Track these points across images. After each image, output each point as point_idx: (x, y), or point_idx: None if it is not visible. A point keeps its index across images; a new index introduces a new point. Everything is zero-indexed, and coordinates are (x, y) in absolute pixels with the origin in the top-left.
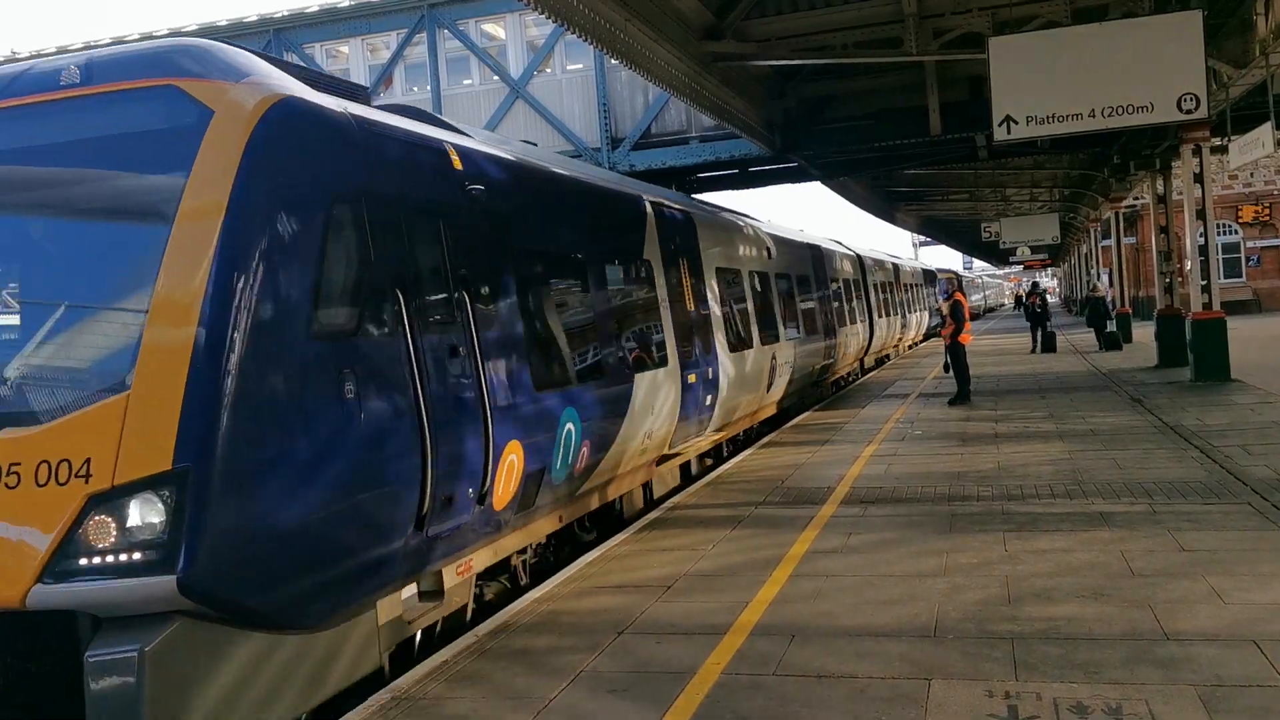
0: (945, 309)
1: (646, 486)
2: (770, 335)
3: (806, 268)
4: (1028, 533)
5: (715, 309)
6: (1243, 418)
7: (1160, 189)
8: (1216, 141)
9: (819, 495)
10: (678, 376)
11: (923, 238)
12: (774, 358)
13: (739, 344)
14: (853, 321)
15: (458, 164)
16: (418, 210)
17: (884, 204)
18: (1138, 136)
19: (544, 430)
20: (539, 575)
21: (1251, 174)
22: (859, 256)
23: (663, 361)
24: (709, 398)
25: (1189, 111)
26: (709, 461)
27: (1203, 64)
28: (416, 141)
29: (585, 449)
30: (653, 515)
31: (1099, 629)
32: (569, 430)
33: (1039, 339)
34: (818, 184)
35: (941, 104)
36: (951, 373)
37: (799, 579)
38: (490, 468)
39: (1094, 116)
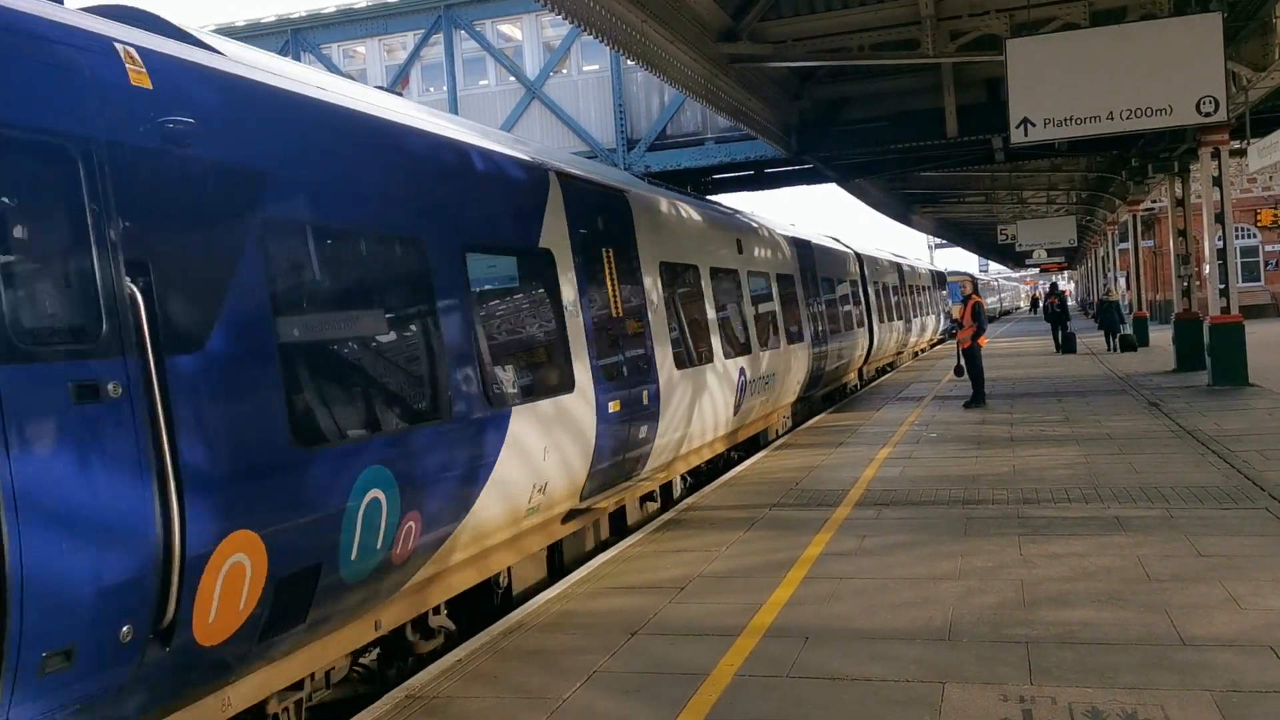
0: (960, 312)
1: (556, 548)
2: (738, 346)
3: (790, 266)
4: (1043, 537)
5: (658, 316)
6: (1260, 422)
7: (1178, 192)
8: (1235, 145)
9: (833, 497)
10: (591, 404)
11: (938, 240)
12: (743, 373)
13: (693, 359)
14: (849, 328)
15: (140, 78)
16: (31, 148)
17: (900, 206)
18: (1156, 139)
19: (313, 505)
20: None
21: (1270, 177)
22: (857, 255)
23: (565, 386)
24: (643, 429)
25: (1208, 114)
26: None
27: (1222, 67)
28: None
29: (413, 525)
30: (667, 516)
31: (1115, 634)
32: (374, 500)
33: (1059, 339)
34: (834, 186)
35: (958, 106)
36: (966, 376)
37: (813, 581)
38: (178, 580)
39: (1112, 119)
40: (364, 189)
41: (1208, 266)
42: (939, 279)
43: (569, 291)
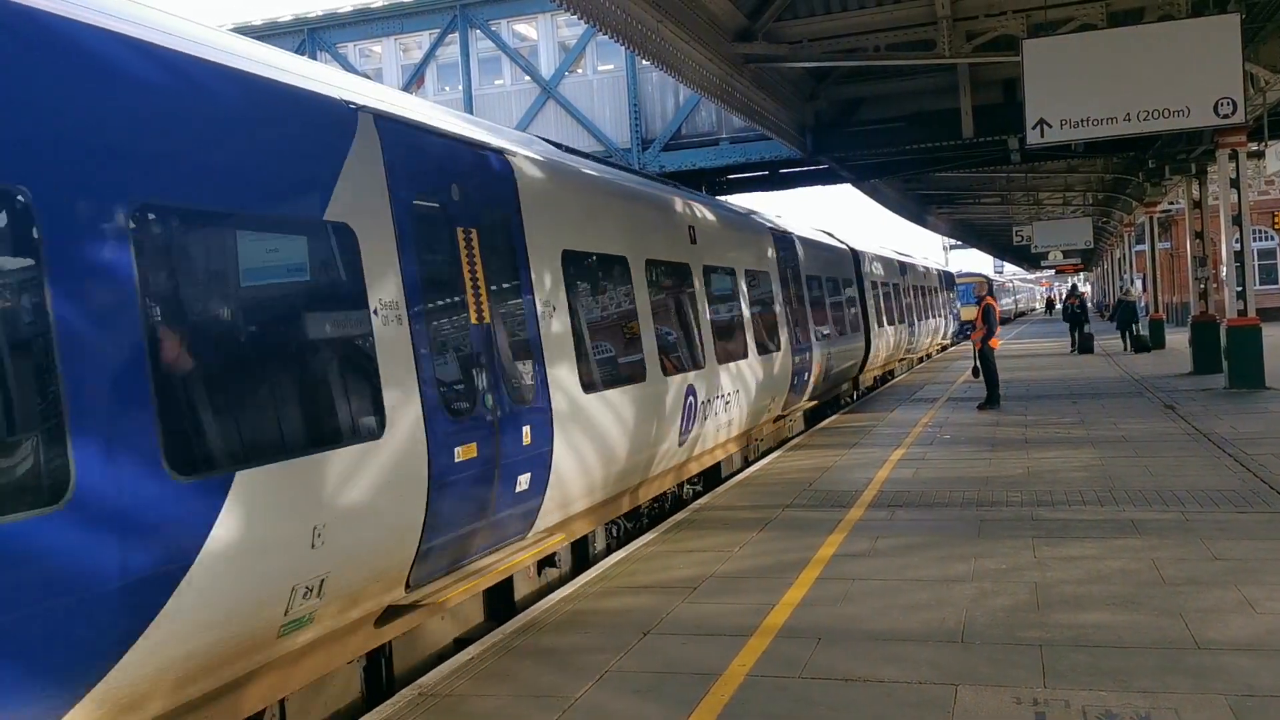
0: (975, 313)
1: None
2: (687, 360)
3: (767, 262)
4: (1057, 539)
5: (554, 322)
6: (1277, 426)
7: (1196, 194)
8: (1253, 146)
9: (847, 498)
10: (421, 452)
11: (953, 241)
12: (693, 393)
13: (612, 378)
14: (841, 333)
15: None
16: None
17: (915, 207)
18: (1173, 141)
19: None
20: None
21: None
22: (852, 251)
23: (365, 428)
24: (525, 478)
25: (1225, 116)
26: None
27: (1240, 68)
28: None
29: None
30: (680, 516)
31: (1129, 637)
32: None
33: (1077, 340)
34: (849, 187)
35: (974, 107)
36: (981, 377)
37: (826, 582)
38: None
39: (1129, 120)
40: None
41: (1225, 269)
42: (948, 280)
43: (384, 287)
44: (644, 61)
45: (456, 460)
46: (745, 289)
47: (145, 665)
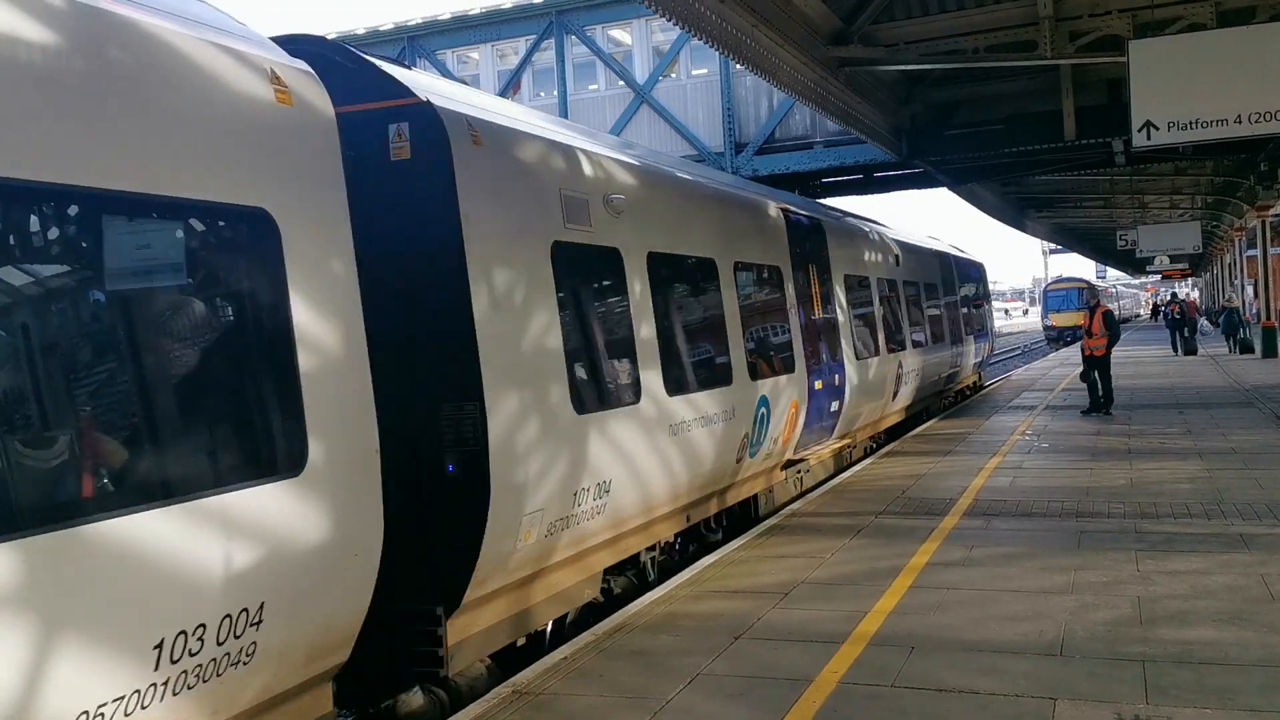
0: (1085, 319)
1: None
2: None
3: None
4: (1161, 552)
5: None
6: None
7: None
8: None
9: (941, 506)
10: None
11: (1053, 246)
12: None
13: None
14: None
15: None
16: None
17: (1013, 211)
18: None
19: None
20: None
21: None
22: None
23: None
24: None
25: None
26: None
27: None
28: None
29: None
30: (771, 522)
31: (1235, 654)
32: None
33: (1178, 344)
34: (942, 190)
35: (1077, 108)
36: (1087, 383)
37: (919, 590)
38: None
39: (1240, 122)
40: None
41: None
42: (976, 276)
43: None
44: (738, 66)
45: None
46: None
47: None
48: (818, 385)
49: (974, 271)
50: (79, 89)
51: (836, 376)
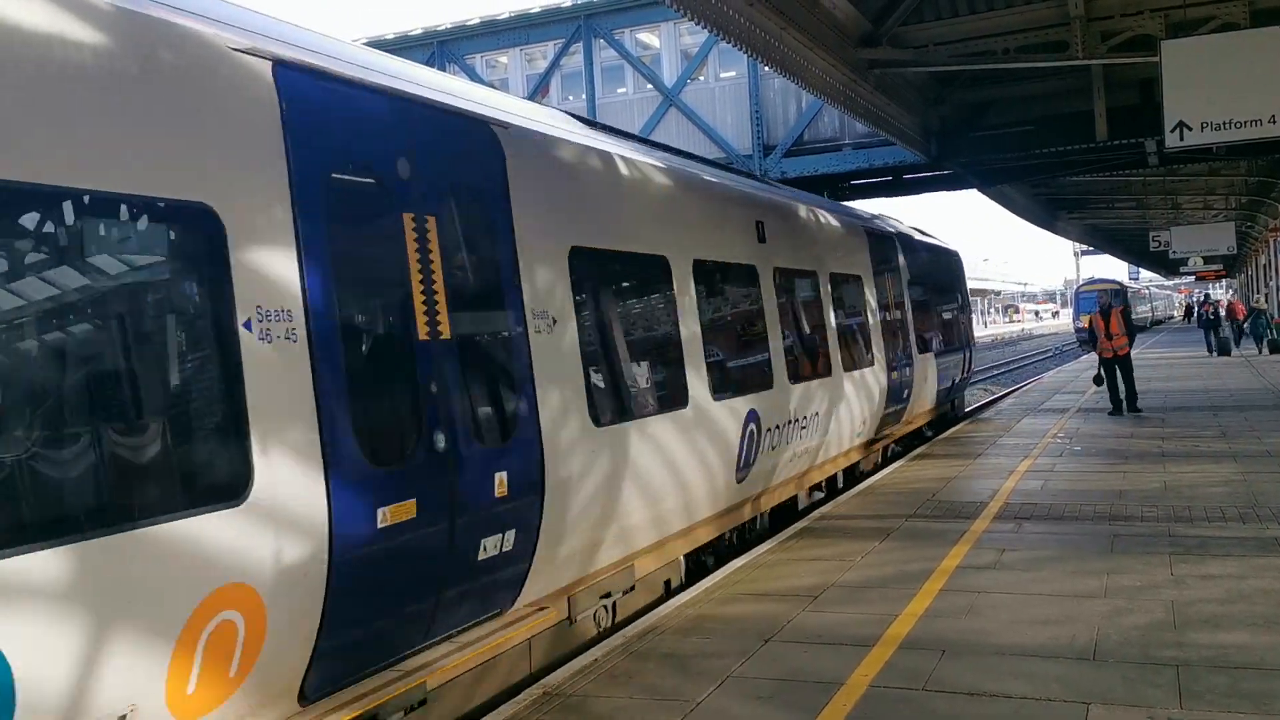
0: (1106, 321)
1: None
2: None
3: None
4: (1196, 556)
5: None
6: None
7: None
8: None
9: (971, 509)
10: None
11: (1085, 247)
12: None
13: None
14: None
15: None
16: None
17: (1045, 212)
18: None
19: None
20: None
21: None
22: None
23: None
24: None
25: None
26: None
27: None
28: None
29: None
30: (800, 525)
31: (1271, 658)
32: None
33: (1213, 343)
34: (971, 192)
35: (1109, 109)
36: (1105, 385)
37: (950, 594)
38: None
39: (1274, 122)
40: None
41: None
42: (953, 268)
43: None
44: (766, 68)
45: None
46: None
47: None
48: None
49: (942, 262)
50: None
51: None
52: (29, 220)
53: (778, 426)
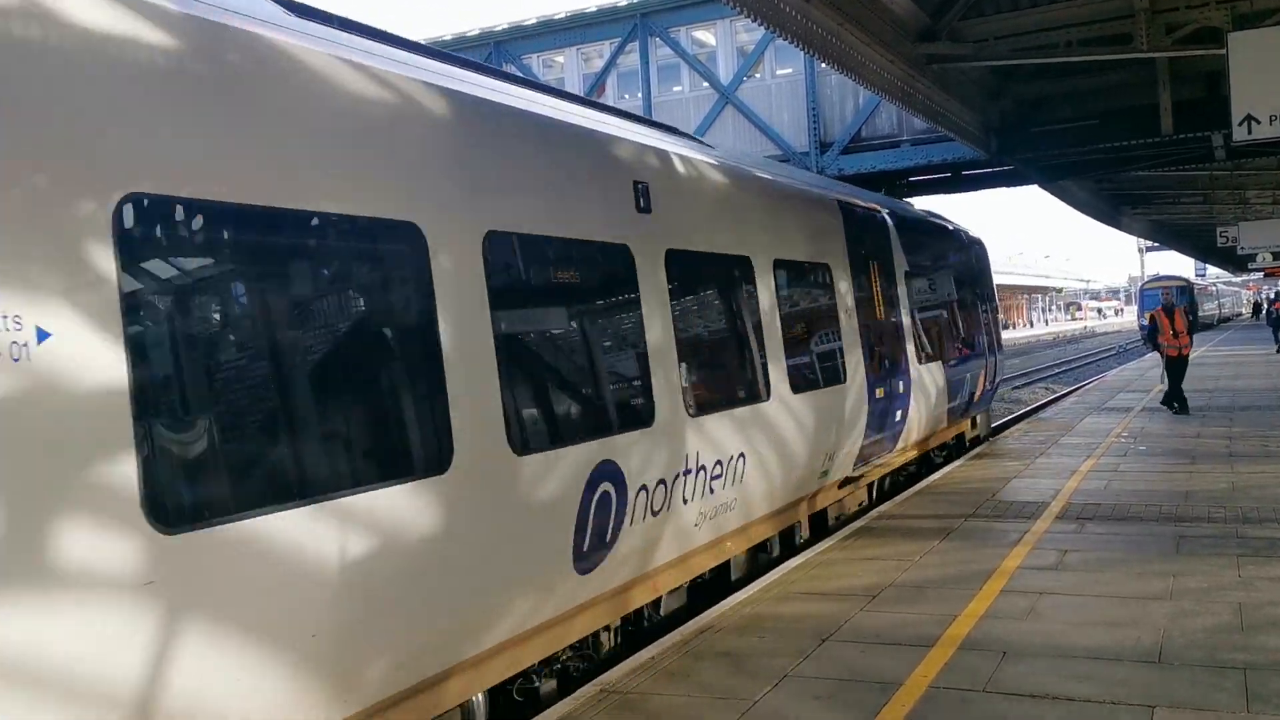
0: (1172, 319)
1: None
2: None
3: None
4: (1265, 558)
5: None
6: None
7: None
8: None
9: (1032, 510)
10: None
11: (1150, 243)
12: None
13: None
14: None
15: None
16: None
17: (1108, 208)
18: None
19: None
20: None
21: None
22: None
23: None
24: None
25: None
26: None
27: None
28: None
29: None
30: (859, 524)
31: None
32: None
33: None
34: (1032, 187)
35: (1174, 102)
36: (1168, 383)
37: (1011, 595)
38: None
39: None
40: None
41: None
42: (974, 259)
43: None
44: (823, 65)
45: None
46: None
47: None
48: None
49: (959, 252)
50: None
51: None
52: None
53: (661, 482)
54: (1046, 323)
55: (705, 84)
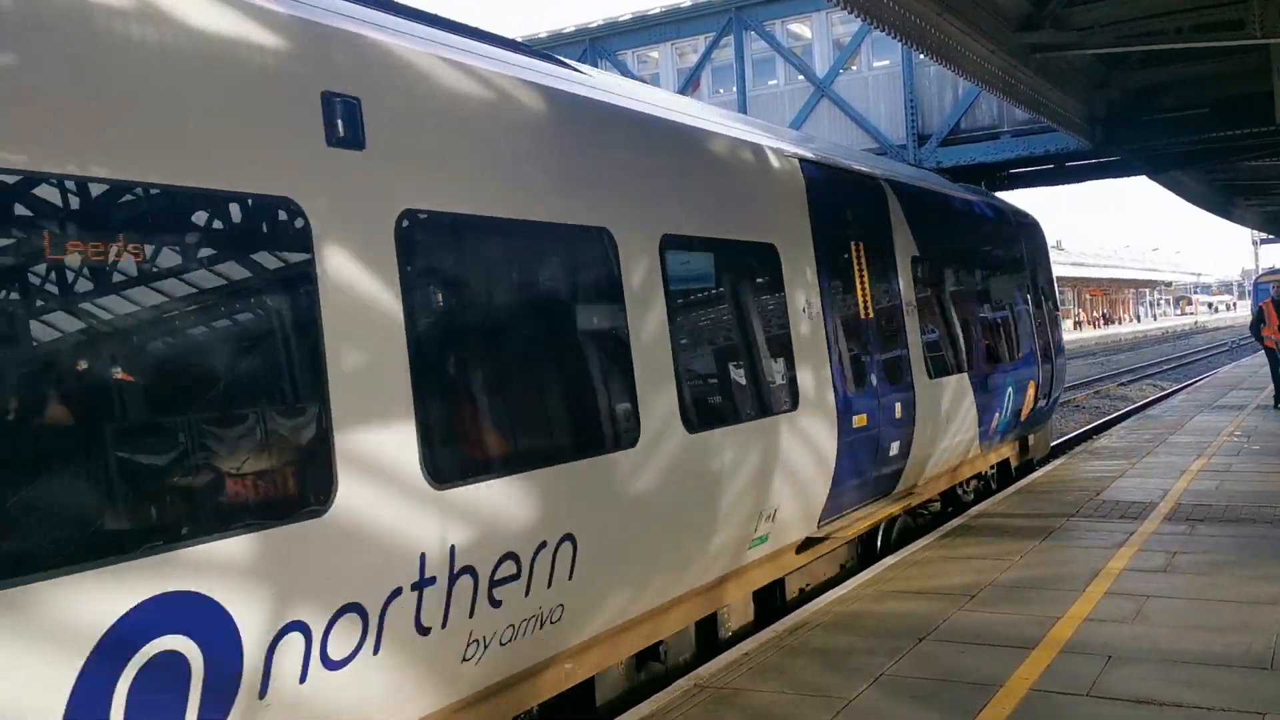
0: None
1: None
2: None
3: None
4: None
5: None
6: None
7: None
8: None
9: (1139, 510)
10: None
11: (1264, 235)
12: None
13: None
14: None
15: None
16: None
17: (1219, 199)
18: None
19: None
20: None
21: None
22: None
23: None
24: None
25: None
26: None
27: None
28: None
29: None
30: (956, 522)
31: None
32: None
33: None
34: (1138, 179)
35: None
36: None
37: (1115, 597)
38: None
39: None
40: None
41: None
42: (1019, 243)
43: None
44: (921, 56)
45: None
46: None
47: None
48: None
49: (998, 233)
50: None
51: None
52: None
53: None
54: (1154, 318)
55: (800, 77)
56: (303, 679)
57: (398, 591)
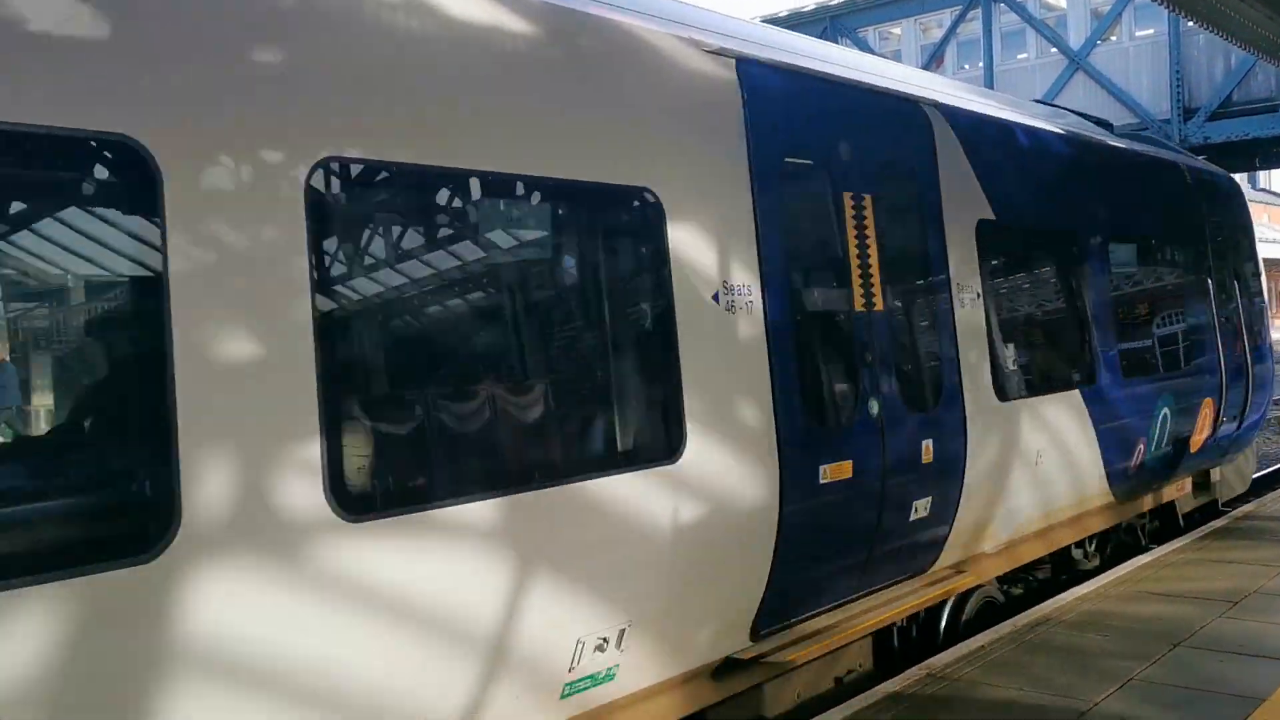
0: None
1: None
2: None
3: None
4: None
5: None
6: None
7: None
8: None
9: None
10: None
11: None
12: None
13: None
14: None
15: None
16: None
17: None
18: None
19: None
20: None
21: None
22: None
23: None
24: None
25: None
26: None
27: None
28: None
29: None
30: (1217, 524)
31: None
32: None
33: None
34: None
35: None
36: None
37: None
38: None
39: None
40: None
41: None
42: (1190, 202)
43: None
44: (1189, 23)
45: None
46: None
47: None
48: None
49: (1164, 190)
50: None
51: None
52: None
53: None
54: None
55: (1053, 50)
56: None
57: None
